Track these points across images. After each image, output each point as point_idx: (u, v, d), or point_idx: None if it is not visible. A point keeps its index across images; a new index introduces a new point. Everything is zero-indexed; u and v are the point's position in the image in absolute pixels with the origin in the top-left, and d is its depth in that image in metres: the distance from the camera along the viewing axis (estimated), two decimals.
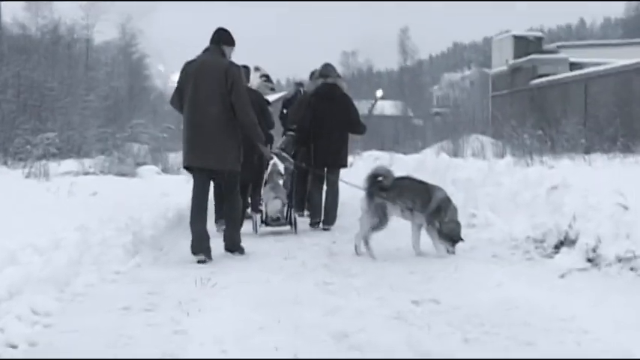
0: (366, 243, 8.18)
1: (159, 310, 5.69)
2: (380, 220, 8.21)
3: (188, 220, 9.70)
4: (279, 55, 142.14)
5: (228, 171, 8.46)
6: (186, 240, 9.43)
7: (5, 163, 23.53)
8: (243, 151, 8.64)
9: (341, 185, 10.43)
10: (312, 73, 12.33)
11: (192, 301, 5.96)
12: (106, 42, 73.16)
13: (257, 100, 10.31)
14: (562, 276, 6.83)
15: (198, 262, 8.03)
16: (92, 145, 31.22)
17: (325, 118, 10.84)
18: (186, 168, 8.73)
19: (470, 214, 10.60)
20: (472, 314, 5.42)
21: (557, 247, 8.03)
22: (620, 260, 6.88)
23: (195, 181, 8.54)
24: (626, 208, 7.40)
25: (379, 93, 18.23)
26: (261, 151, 9.08)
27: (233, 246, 8.60)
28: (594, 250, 7.23)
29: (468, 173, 12.38)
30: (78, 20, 64.71)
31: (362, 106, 74.77)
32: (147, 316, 5.52)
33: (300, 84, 14.62)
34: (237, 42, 8.79)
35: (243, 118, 8.33)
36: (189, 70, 8.46)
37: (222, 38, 8.64)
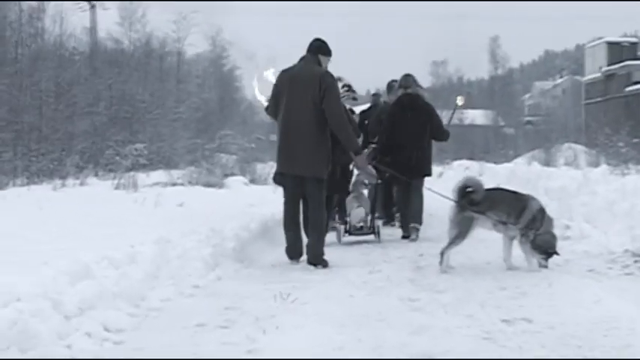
0: (442, 255, 7.78)
1: (235, 327, 5.44)
2: (460, 233, 7.81)
3: (271, 231, 10.18)
4: (367, 67, 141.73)
5: (315, 177, 8.49)
6: (269, 252, 9.29)
7: (96, 175, 23.90)
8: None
9: (429, 196, 10.09)
10: (390, 85, 12.47)
11: (271, 317, 5.70)
12: (197, 54, 74.07)
13: None
14: None
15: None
16: (182, 157, 31.45)
17: (407, 127, 10.83)
18: (279, 174, 8.79)
19: (564, 225, 10.13)
20: (568, 334, 5.02)
21: None
22: None
23: (286, 188, 8.71)
24: None
25: (460, 101, 17.97)
26: (354, 159, 9.15)
27: (316, 259, 8.42)
28: None
29: (562, 182, 11.90)
30: (169, 33, 65.63)
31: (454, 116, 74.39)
32: (222, 334, 5.26)
33: (377, 95, 14.63)
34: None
35: (335, 125, 8.43)
36: (284, 79, 8.63)
37: (319, 48, 8.79)
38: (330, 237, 10.58)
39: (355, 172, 11.21)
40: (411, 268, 8.02)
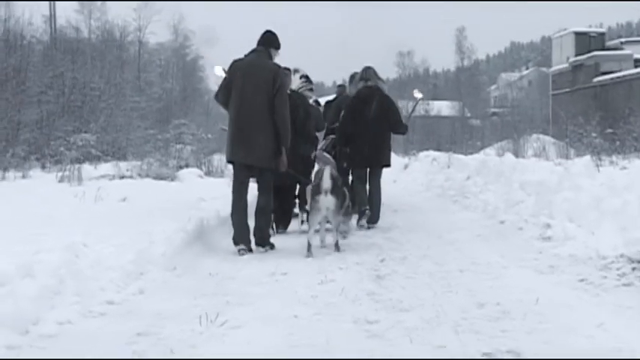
0: None
1: None
2: None
3: (214, 232, 9.52)
4: (333, 57, 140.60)
5: (265, 168, 8.75)
6: (208, 257, 8.09)
7: (44, 167, 22.48)
8: (288, 152, 8.99)
9: (394, 191, 9.12)
10: (352, 77, 12.59)
11: (190, 347, 4.51)
12: (159, 43, 72.76)
13: (302, 104, 10.72)
14: None
15: (239, 251, 8.39)
16: (138, 148, 30.04)
17: (366, 119, 10.99)
18: (229, 162, 9.10)
19: (544, 224, 9.01)
20: None
21: None
22: None
23: (235, 175, 8.91)
24: None
25: (418, 94, 17.42)
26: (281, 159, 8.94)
27: (262, 240, 8.71)
28: None
29: (540, 175, 10.72)
30: (130, 22, 64.30)
31: (417, 107, 73.81)
32: None
33: (342, 86, 14.79)
34: (285, 43, 9.19)
35: (280, 123, 8.65)
36: (237, 69, 8.78)
37: (271, 41, 9.03)
38: (293, 226, 10.80)
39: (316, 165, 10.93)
40: (370, 277, 6.75)
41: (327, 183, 8.43)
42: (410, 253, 8.07)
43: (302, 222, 10.66)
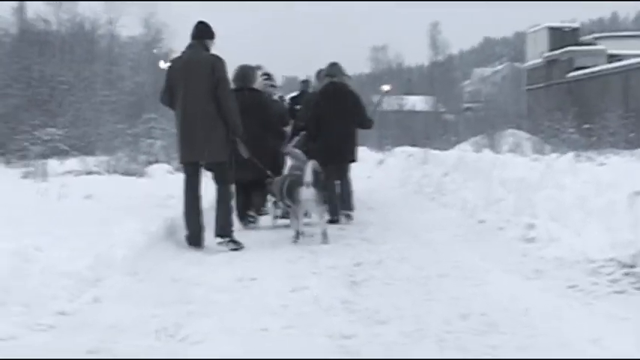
0: None
1: None
2: None
3: (177, 234, 8.97)
4: (305, 52, 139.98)
5: (216, 162, 8.62)
6: (173, 259, 7.61)
7: (8, 162, 21.89)
8: (257, 145, 9.46)
9: (369, 188, 8.76)
10: (319, 72, 12.46)
11: None
12: (131, 37, 71.90)
13: (259, 101, 10.63)
14: None
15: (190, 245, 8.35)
16: (108, 142, 29.47)
17: (332, 115, 11.01)
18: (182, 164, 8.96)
19: (526, 224, 8.59)
20: None
21: None
22: None
23: (186, 175, 8.71)
24: None
25: (385, 87, 17.22)
26: (237, 146, 8.95)
27: (223, 230, 8.46)
28: None
29: (520, 172, 10.29)
30: (101, 15, 63.44)
31: (392, 102, 73.57)
32: None
33: (306, 81, 14.72)
34: (256, 38, 9.00)
35: (227, 114, 8.50)
36: (176, 67, 8.69)
37: (204, 32, 8.80)
38: (264, 220, 10.73)
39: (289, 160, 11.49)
40: (345, 284, 6.26)
41: (308, 176, 8.62)
42: (387, 255, 7.59)
43: (275, 217, 10.71)
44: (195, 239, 8.40)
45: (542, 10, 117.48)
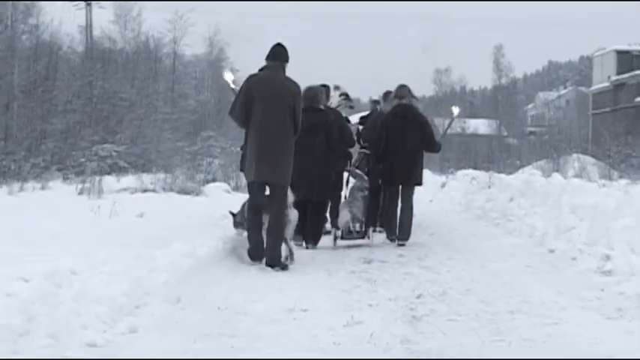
0: None
1: None
2: None
3: (228, 257, 8.92)
4: (369, 74, 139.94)
5: (281, 185, 8.68)
6: (219, 286, 7.08)
7: (66, 178, 21.73)
8: (321, 169, 10.21)
9: (432, 211, 8.18)
10: (386, 94, 12.54)
11: None
12: (194, 55, 72.41)
13: (336, 120, 10.86)
14: None
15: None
16: (167, 160, 29.34)
17: (399, 136, 11.02)
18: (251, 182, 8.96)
19: (601, 254, 7.94)
20: None
21: None
22: None
23: (252, 193, 8.85)
24: None
25: (456, 109, 16.86)
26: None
27: (273, 260, 8.42)
28: None
29: (594, 199, 9.62)
30: (165, 33, 64.06)
31: (454, 125, 72.86)
32: None
33: (376, 101, 14.45)
34: (317, 58, 8.94)
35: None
36: (255, 85, 8.69)
37: (283, 55, 8.87)
38: (324, 241, 10.65)
39: (351, 179, 11.48)
40: (404, 319, 5.69)
41: None
42: (450, 287, 7.02)
43: (335, 238, 10.74)
44: (256, 253, 8.56)
45: (607, 33, 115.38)
